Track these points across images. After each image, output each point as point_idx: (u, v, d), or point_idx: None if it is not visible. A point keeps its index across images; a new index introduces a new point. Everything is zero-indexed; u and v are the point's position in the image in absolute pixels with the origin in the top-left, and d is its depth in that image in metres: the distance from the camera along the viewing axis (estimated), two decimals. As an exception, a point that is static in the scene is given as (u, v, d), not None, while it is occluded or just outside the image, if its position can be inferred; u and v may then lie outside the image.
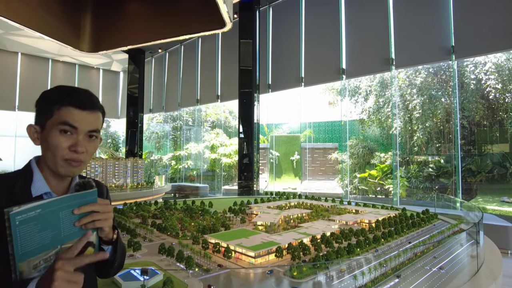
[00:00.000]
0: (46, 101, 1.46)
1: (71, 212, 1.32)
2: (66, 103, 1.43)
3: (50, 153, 1.43)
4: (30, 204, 1.18)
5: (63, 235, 1.30)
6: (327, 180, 27.03)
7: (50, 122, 1.43)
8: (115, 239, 1.58)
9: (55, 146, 1.42)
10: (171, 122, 35.36)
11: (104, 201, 1.46)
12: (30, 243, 1.18)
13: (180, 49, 30.18)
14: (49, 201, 1.25)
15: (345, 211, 12.15)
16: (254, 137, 21.41)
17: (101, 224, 1.42)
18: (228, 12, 3.60)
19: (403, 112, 23.29)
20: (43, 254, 1.24)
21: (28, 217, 1.17)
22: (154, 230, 9.36)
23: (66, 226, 1.31)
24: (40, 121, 1.47)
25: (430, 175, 21.54)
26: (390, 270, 6.45)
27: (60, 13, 4.59)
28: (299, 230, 8.84)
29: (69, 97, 1.45)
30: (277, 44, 22.49)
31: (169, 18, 4.72)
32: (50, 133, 1.42)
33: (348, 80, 21.77)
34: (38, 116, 1.48)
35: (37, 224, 1.20)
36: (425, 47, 16.22)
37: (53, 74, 32.17)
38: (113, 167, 18.74)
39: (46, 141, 1.43)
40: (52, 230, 1.26)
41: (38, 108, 1.48)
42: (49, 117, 1.43)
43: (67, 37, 4.74)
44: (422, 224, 10.19)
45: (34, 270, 1.21)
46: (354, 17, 18.84)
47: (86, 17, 4.86)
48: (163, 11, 4.69)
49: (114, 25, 4.96)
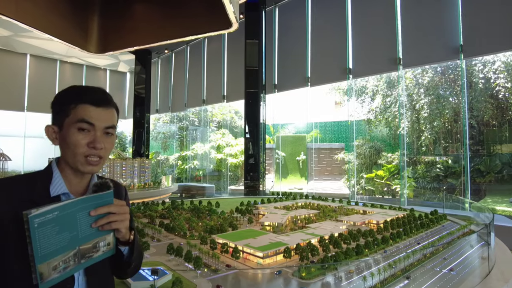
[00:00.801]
0: (62, 101, 1.49)
1: (88, 214, 1.33)
2: (82, 101, 1.46)
3: (69, 151, 1.45)
4: (47, 207, 1.20)
5: (80, 236, 1.32)
6: (333, 180, 26.92)
7: (68, 121, 1.45)
8: (132, 240, 1.58)
9: (74, 144, 1.43)
10: (177, 122, 35.50)
11: (121, 202, 1.47)
12: (49, 245, 1.20)
13: (186, 49, 30.29)
14: (66, 203, 1.26)
15: (353, 212, 12.09)
16: (260, 137, 21.41)
17: (117, 226, 1.43)
18: (235, 13, 3.59)
19: (410, 112, 23.12)
20: (62, 255, 1.25)
21: (46, 220, 1.19)
22: (162, 230, 9.40)
23: (83, 227, 1.32)
24: (57, 121, 1.48)
25: (438, 176, 21.34)
26: (400, 271, 6.40)
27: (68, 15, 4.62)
28: (306, 231, 8.82)
29: (84, 95, 1.47)
30: (283, 44, 22.45)
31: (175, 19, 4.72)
32: (68, 132, 1.44)
33: (354, 80, 21.67)
34: (55, 117, 1.50)
35: (55, 226, 1.22)
36: (433, 46, 16.07)
37: (61, 75, 32.49)
38: (120, 167, 18.87)
39: (65, 140, 1.45)
40: (70, 231, 1.27)
41: (55, 109, 1.50)
42: (66, 116, 1.45)
43: (75, 38, 4.77)
44: (431, 225, 10.09)
45: (54, 271, 1.22)
46: (361, 16, 18.73)
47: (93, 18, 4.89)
48: (169, 12, 4.70)
49: (121, 26, 4.98)
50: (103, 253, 1.43)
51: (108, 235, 1.44)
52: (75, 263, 1.31)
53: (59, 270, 1.24)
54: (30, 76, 30.48)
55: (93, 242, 1.38)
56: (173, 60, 32.20)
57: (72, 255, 1.29)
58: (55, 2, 4.57)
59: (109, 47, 5.10)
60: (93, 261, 1.39)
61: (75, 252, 1.30)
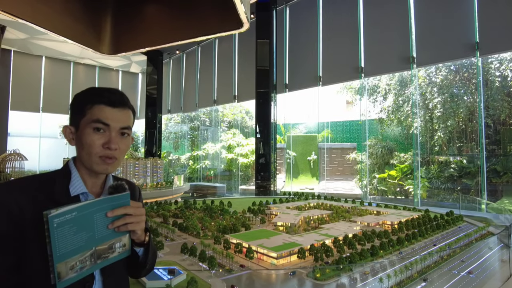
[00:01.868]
0: (79, 102, 1.48)
1: (105, 215, 1.34)
2: (98, 101, 1.45)
3: (85, 151, 1.45)
4: (66, 207, 1.21)
5: (97, 237, 1.33)
6: (345, 180, 26.69)
7: (83, 121, 1.45)
8: (147, 242, 1.59)
9: (89, 144, 1.43)
10: (188, 122, 35.72)
11: (137, 204, 1.47)
12: (67, 245, 1.21)
13: (197, 50, 30.44)
14: (84, 204, 1.27)
15: (366, 212, 11.97)
16: (271, 137, 21.37)
17: (133, 227, 1.43)
18: (246, 12, 3.57)
19: (424, 111, 22.74)
20: (79, 255, 1.27)
21: (65, 220, 1.20)
22: (175, 229, 9.47)
23: (100, 228, 1.33)
24: (74, 121, 1.48)
25: (452, 176, 20.94)
26: (416, 273, 6.31)
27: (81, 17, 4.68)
28: (320, 231, 8.76)
29: (100, 96, 1.47)
30: (294, 44, 22.35)
31: (186, 20, 4.72)
32: (83, 132, 1.44)
33: (366, 78, 21.44)
34: (72, 117, 1.50)
35: (73, 227, 1.23)
36: (447, 43, 15.76)
37: (74, 76, 33.04)
38: (133, 167, 19.08)
39: (80, 140, 1.45)
40: (87, 232, 1.29)
41: (72, 110, 1.51)
42: (82, 117, 1.45)
43: (88, 40, 4.83)
44: (447, 226, 9.92)
45: (71, 271, 1.24)
46: (373, 14, 18.51)
47: (106, 20, 4.94)
48: (180, 12, 4.70)
49: (133, 27, 5.01)
50: (119, 254, 1.44)
51: (123, 237, 1.45)
52: (91, 263, 1.32)
53: (76, 270, 1.26)
54: (45, 78, 31.09)
55: (109, 243, 1.38)
56: (184, 60, 32.41)
57: (88, 256, 1.30)
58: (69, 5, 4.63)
59: (121, 48, 5.13)
60: (108, 262, 1.40)
61: (91, 253, 1.31)
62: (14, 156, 24.29)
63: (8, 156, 24.22)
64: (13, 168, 24.10)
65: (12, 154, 24.37)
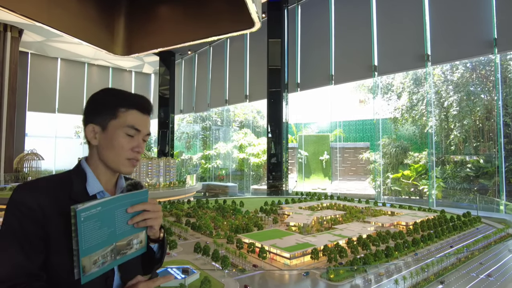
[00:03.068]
0: (107, 102, 1.48)
1: (125, 211, 1.36)
2: (132, 106, 1.48)
3: (113, 152, 1.47)
4: (92, 202, 1.23)
5: (117, 233, 1.34)
6: (358, 180, 26.39)
7: (115, 124, 1.46)
8: (162, 238, 1.62)
9: (120, 147, 1.46)
10: (200, 122, 35.93)
11: (154, 201, 1.49)
12: (91, 239, 1.23)
13: (209, 50, 30.57)
14: (107, 199, 1.29)
15: (380, 213, 11.80)
16: (283, 137, 21.29)
17: (152, 223, 1.45)
18: (257, 12, 3.55)
19: (439, 110, 22.28)
20: (102, 250, 1.28)
21: (91, 214, 1.22)
22: (188, 228, 9.52)
23: (120, 224, 1.35)
24: (101, 121, 1.47)
25: (468, 176, 20.45)
26: (433, 275, 6.18)
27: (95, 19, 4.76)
28: (333, 232, 8.68)
29: (134, 102, 1.49)
30: (306, 43, 22.22)
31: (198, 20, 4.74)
32: (114, 134, 1.46)
33: (380, 77, 21.15)
34: (97, 117, 1.48)
35: (97, 221, 1.25)
36: (464, 40, 15.39)
37: (88, 77, 33.65)
38: (146, 166, 19.29)
39: (109, 142, 1.46)
40: (109, 227, 1.30)
41: (96, 108, 1.49)
42: (113, 119, 1.46)
43: (102, 41, 4.91)
44: (464, 228, 9.69)
45: (94, 266, 1.25)
46: (386, 11, 18.23)
47: (119, 22, 5.01)
48: (192, 13, 4.72)
49: (145, 28, 5.07)
50: (136, 251, 1.45)
51: (141, 233, 1.47)
52: (111, 259, 1.33)
53: (98, 264, 1.27)
54: (60, 79, 31.75)
55: (127, 239, 1.40)
56: (196, 61, 32.60)
57: (109, 251, 1.32)
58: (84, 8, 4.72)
59: (134, 49, 5.20)
60: (126, 258, 1.42)
61: (112, 248, 1.33)
62: (32, 156, 24.90)
63: (26, 156, 24.83)
64: (31, 168, 24.70)
65: (30, 154, 24.98)
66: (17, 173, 23.48)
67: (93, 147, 1.50)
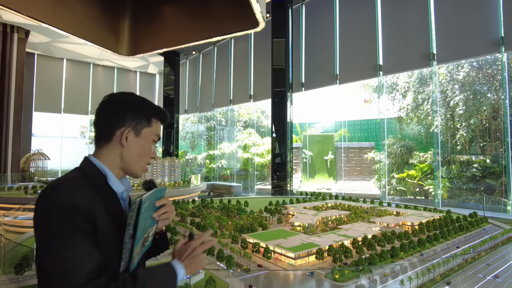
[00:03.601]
0: (147, 112, 1.60)
1: (151, 205, 1.46)
2: (161, 120, 1.66)
3: (138, 157, 1.59)
4: (146, 195, 1.36)
5: (146, 225, 1.44)
6: (363, 180, 26.28)
7: (148, 131, 1.60)
8: (165, 231, 1.78)
9: (147, 152, 1.62)
10: (205, 122, 36.02)
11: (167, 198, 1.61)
12: (140, 231, 1.35)
13: (213, 50, 30.63)
14: (151, 193, 1.42)
15: (386, 213, 11.74)
16: (287, 137, 21.27)
17: (169, 215, 1.59)
18: (261, 12, 3.56)
19: (444, 109, 22.10)
20: (141, 241, 1.41)
21: (145, 206, 1.35)
22: (193, 228, 9.55)
23: (148, 217, 1.45)
24: (135, 127, 1.55)
25: (475, 176, 20.26)
26: (439, 276, 6.13)
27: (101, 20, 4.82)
28: (338, 232, 8.65)
29: (163, 115, 1.67)
30: (311, 42, 22.18)
31: (203, 20, 4.77)
32: (146, 141, 1.60)
33: (385, 76, 21.04)
34: (132, 121, 1.54)
35: (144, 214, 1.36)
36: (470, 39, 15.26)
37: (94, 78, 33.88)
38: (151, 166, 19.37)
39: (141, 147, 1.58)
40: (145, 220, 1.41)
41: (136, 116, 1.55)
42: (147, 127, 1.59)
43: (107, 42, 4.98)
44: (470, 228, 9.61)
45: (136, 256, 1.39)
46: (391, 10, 18.14)
47: (124, 22, 5.06)
48: (196, 13, 4.75)
49: (150, 29, 5.12)
50: (148, 244, 1.56)
51: (153, 227, 1.57)
52: (140, 251, 1.45)
53: (139, 255, 1.43)
54: (66, 80, 32.02)
55: (148, 232, 1.50)
56: (201, 61, 32.68)
57: (142, 243, 1.43)
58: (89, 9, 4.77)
59: (139, 50, 5.24)
60: (144, 250, 1.53)
61: (143, 241, 1.44)
62: (38, 155, 25.14)
63: (32, 156, 25.07)
64: (37, 168, 24.93)
65: (36, 154, 25.22)
66: (24, 172, 23.72)
67: (114, 148, 1.54)
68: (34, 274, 5.42)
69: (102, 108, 1.54)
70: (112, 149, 1.52)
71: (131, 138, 1.53)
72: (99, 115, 1.55)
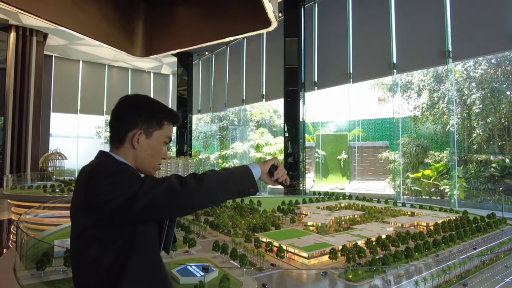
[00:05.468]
0: (154, 114, 1.63)
1: None
2: (173, 122, 1.71)
3: (150, 158, 1.64)
4: None
5: None
6: (377, 180, 25.97)
7: (159, 134, 1.64)
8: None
9: (158, 154, 1.66)
10: (218, 122, 36.25)
11: None
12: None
13: (226, 50, 30.78)
14: None
15: (400, 213, 11.59)
16: (300, 136, 21.20)
17: None
18: (274, 11, 3.58)
19: (461, 108, 21.64)
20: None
21: None
22: (206, 227, 9.66)
23: None
24: (147, 129, 1.61)
25: (493, 176, 19.77)
26: (455, 278, 6.04)
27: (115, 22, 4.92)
28: (352, 232, 8.60)
29: (175, 118, 1.71)
30: (323, 41, 22.04)
31: (216, 21, 4.80)
32: (157, 142, 1.64)
33: (399, 75, 20.75)
34: (143, 124, 1.60)
35: None
36: (487, 35, 14.87)
37: (109, 79, 34.53)
38: (165, 165, 19.67)
39: (152, 148, 1.63)
40: None
41: (147, 118, 1.61)
42: (159, 129, 1.64)
43: (122, 43, 5.07)
44: (488, 229, 9.40)
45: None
46: (405, 7, 17.85)
47: (138, 23, 5.16)
48: (209, 14, 4.79)
49: (163, 29, 5.19)
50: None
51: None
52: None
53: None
54: (82, 81, 32.74)
55: None
56: (213, 61, 32.88)
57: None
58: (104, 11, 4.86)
59: (152, 51, 5.33)
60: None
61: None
62: (56, 155, 25.80)
63: (50, 155, 25.75)
64: (55, 167, 25.59)
65: (54, 154, 25.89)
66: (43, 172, 24.38)
67: (128, 149, 1.61)
68: (54, 270, 5.59)
69: (116, 110, 1.62)
70: (126, 150, 1.59)
71: (142, 140, 1.59)
72: (113, 117, 1.62)
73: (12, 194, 16.58)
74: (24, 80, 24.04)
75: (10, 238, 14.57)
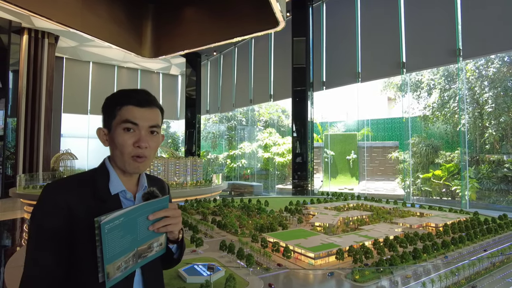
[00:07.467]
0: (109, 104, 1.57)
1: (146, 218, 1.45)
2: (126, 102, 1.53)
3: (118, 152, 1.54)
4: (115, 213, 1.31)
5: (139, 238, 1.44)
6: (386, 180, 25.71)
7: (114, 123, 1.53)
8: (181, 239, 1.73)
9: (121, 144, 1.52)
10: (226, 122, 36.35)
11: (174, 206, 1.57)
12: (115, 248, 1.32)
13: (234, 51, 30.86)
14: (130, 209, 1.38)
15: (409, 214, 11.46)
16: (308, 136, 21.13)
17: (172, 228, 1.54)
18: (281, 11, 3.59)
19: (472, 107, 21.27)
20: (124, 256, 1.38)
21: (114, 225, 1.31)
22: (214, 226, 9.70)
23: (141, 230, 1.44)
24: (106, 124, 1.58)
25: (506, 176, 19.39)
26: (464, 279, 5.95)
27: (125, 24, 4.99)
28: (360, 233, 8.54)
29: (127, 97, 1.55)
30: (332, 40, 21.92)
31: (224, 22, 4.84)
32: (115, 132, 1.53)
33: (409, 74, 20.51)
34: (104, 120, 1.60)
35: (121, 231, 1.34)
36: (499, 33, 14.59)
37: (118, 80, 34.94)
38: (174, 166, 19.77)
39: (113, 141, 1.54)
40: (131, 234, 1.40)
41: (104, 112, 1.61)
42: (113, 118, 1.54)
43: (131, 45, 5.14)
44: (499, 231, 9.23)
45: (117, 271, 1.35)
46: (415, 5, 17.63)
47: (147, 25, 5.23)
48: (217, 15, 4.83)
49: (172, 31, 5.25)
50: (156, 253, 1.56)
51: (161, 236, 1.56)
52: (133, 262, 1.43)
53: (121, 269, 1.37)
54: (92, 82, 33.21)
55: (148, 243, 1.49)
56: (222, 61, 32.99)
57: (131, 256, 1.41)
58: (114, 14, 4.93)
59: (161, 52, 5.38)
60: (147, 260, 1.52)
61: (134, 253, 1.42)
62: (66, 155, 26.19)
63: (61, 155, 26.17)
64: (66, 167, 25.98)
65: (65, 154, 26.30)
66: (54, 172, 24.79)
67: (111, 151, 1.59)
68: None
69: None
70: (110, 150, 1.60)
71: (108, 136, 1.57)
72: None
73: (25, 193, 16.91)
74: (36, 81, 24.50)
75: (23, 236, 14.86)
